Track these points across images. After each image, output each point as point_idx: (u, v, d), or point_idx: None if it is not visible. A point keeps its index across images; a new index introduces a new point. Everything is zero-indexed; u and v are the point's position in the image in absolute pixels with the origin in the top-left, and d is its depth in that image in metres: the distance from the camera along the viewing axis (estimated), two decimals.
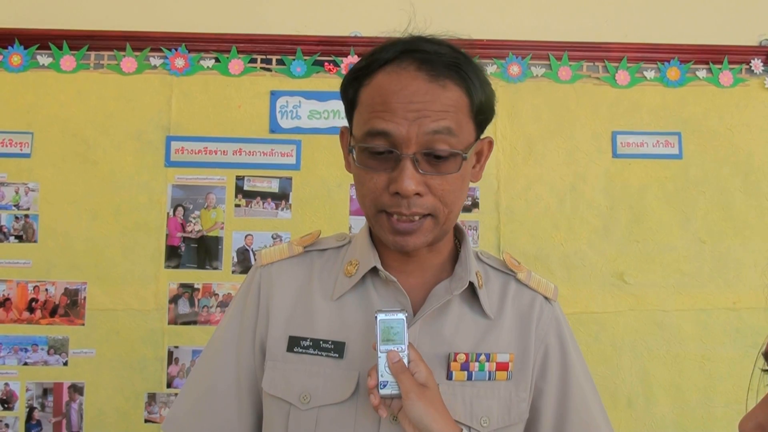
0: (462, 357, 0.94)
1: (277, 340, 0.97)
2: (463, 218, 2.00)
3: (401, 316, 0.88)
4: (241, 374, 1.00)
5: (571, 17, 2.13)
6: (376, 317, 0.88)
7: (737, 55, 2.10)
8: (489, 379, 0.95)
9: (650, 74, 2.09)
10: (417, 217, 0.90)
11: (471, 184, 1.01)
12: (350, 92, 0.95)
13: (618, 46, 2.09)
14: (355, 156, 0.92)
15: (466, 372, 0.94)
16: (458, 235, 1.04)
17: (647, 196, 2.06)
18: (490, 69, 2.07)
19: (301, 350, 0.95)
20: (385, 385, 0.86)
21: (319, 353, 0.95)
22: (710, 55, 2.10)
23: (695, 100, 2.09)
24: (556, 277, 2.01)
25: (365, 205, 0.94)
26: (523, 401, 0.97)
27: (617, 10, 2.14)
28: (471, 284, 0.97)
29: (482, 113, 0.94)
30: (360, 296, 0.98)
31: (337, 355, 0.94)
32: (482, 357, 0.95)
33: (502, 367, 0.96)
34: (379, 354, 0.87)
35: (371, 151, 0.89)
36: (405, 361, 0.86)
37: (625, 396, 1.99)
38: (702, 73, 2.10)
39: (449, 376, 0.94)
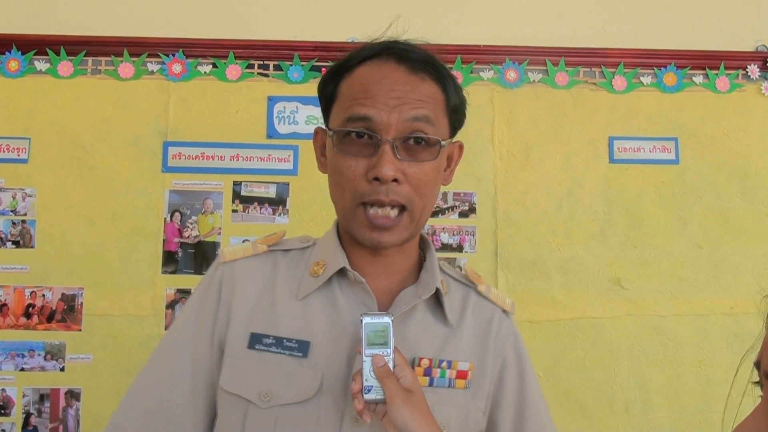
0: (426, 362, 0.94)
1: (238, 336, 0.95)
2: (460, 224, 2.01)
3: (387, 319, 0.87)
4: (197, 377, 0.97)
5: (568, 23, 2.13)
6: (361, 320, 0.87)
7: (734, 61, 2.10)
8: (449, 386, 0.96)
9: (647, 80, 2.10)
10: (395, 212, 0.91)
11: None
12: (330, 87, 0.97)
13: (615, 52, 2.09)
14: (334, 142, 0.94)
15: (428, 378, 0.95)
16: (422, 245, 1.05)
17: (644, 201, 2.06)
18: (487, 74, 2.07)
19: (263, 347, 0.94)
20: (369, 390, 0.84)
21: (282, 351, 0.93)
22: (707, 61, 2.10)
23: (692, 105, 2.10)
24: (553, 282, 2.01)
25: (344, 197, 0.94)
26: (480, 411, 0.98)
27: (614, 16, 2.14)
28: (436, 291, 0.98)
29: (456, 112, 0.98)
30: (325, 297, 0.97)
31: (300, 354, 0.93)
32: (444, 363, 0.95)
33: (462, 375, 0.96)
34: (364, 358, 0.85)
35: (351, 136, 0.91)
36: (390, 365, 0.85)
37: (622, 401, 1.99)
38: (699, 79, 2.10)
39: None
